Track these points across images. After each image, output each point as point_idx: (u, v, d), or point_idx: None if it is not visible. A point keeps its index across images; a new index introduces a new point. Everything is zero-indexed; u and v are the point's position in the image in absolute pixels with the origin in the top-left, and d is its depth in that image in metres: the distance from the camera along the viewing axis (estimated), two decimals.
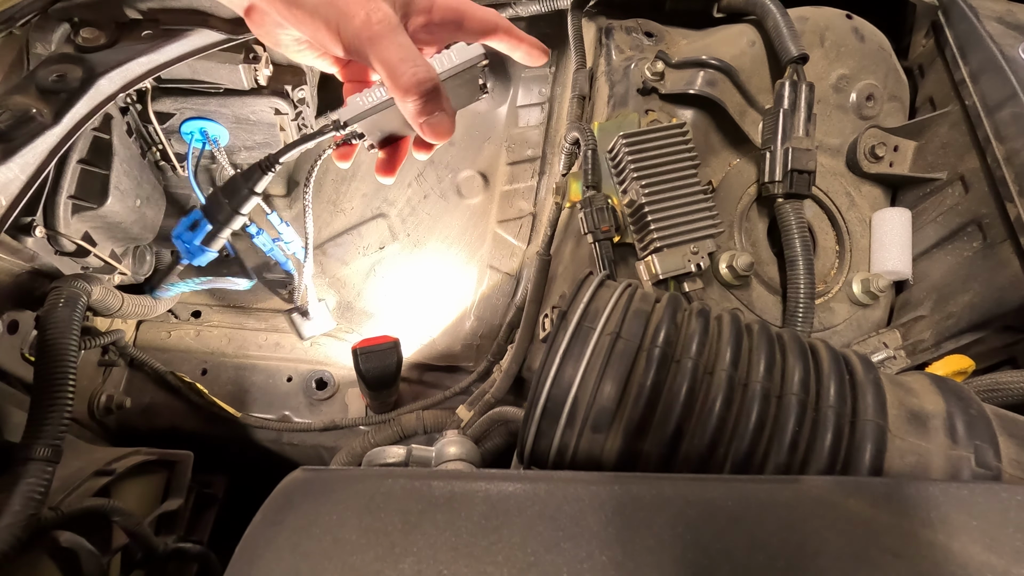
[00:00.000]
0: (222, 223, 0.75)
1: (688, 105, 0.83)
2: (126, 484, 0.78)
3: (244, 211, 0.74)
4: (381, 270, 1.20)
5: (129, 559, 0.78)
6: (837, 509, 0.36)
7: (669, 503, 0.36)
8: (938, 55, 0.87)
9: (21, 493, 0.59)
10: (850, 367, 0.48)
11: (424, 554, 0.34)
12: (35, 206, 0.77)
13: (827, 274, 0.85)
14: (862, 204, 0.88)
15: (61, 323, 0.71)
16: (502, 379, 0.93)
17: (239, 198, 0.73)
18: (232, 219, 0.75)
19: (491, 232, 1.17)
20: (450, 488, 0.38)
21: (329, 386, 1.13)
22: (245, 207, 0.74)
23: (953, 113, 0.82)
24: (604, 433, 0.45)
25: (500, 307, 1.14)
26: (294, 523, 0.37)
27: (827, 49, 0.85)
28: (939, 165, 0.84)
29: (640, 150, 0.74)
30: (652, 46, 0.87)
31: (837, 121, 0.87)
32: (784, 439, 0.44)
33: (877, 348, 0.81)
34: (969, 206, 0.78)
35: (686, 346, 0.47)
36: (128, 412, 1.05)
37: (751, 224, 0.83)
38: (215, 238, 0.77)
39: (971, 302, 0.75)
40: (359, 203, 1.20)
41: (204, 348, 1.15)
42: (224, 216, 0.74)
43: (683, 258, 0.71)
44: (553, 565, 0.34)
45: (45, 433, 0.63)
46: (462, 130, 1.20)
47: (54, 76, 0.70)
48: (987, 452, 0.43)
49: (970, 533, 0.34)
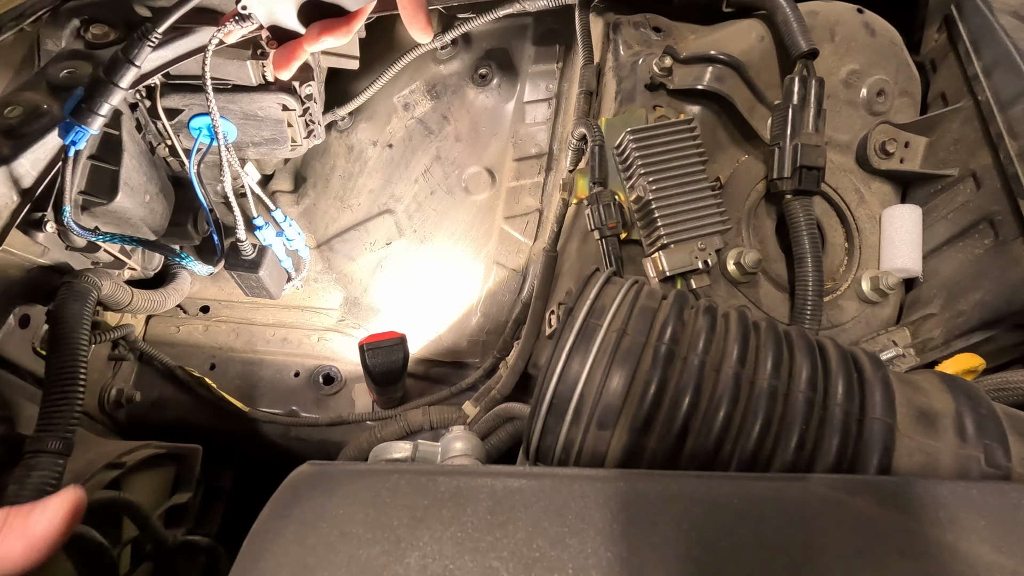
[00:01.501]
0: (98, 96, 0.67)
1: (696, 101, 0.82)
2: (136, 477, 0.79)
3: (123, 84, 0.67)
4: (388, 266, 1.20)
5: (139, 551, 0.79)
6: (844, 508, 0.36)
7: (675, 500, 0.36)
8: (951, 50, 0.86)
9: (33, 485, 0.60)
10: (858, 365, 0.48)
11: (430, 548, 0.35)
12: (46, 201, 0.78)
13: (836, 271, 0.85)
14: (872, 201, 0.87)
15: (72, 318, 0.72)
16: (508, 375, 0.93)
17: (117, 69, 0.66)
18: (109, 91, 0.67)
19: (497, 228, 1.17)
20: (456, 483, 0.38)
21: (336, 381, 1.13)
22: (124, 79, 0.67)
23: (965, 109, 0.81)
24: (610, 430, 0.45)
25: (506, 303, 1.14)
26: (301, 517, 0.37)
27: (837, 44, 0.84)
28: (950, 161, 0.83)
29: (647, 146, 0.74)
30: (660, 41, 0.86)
31: (847, 117, 0.87)
32: (791, 437, 0.44)
33: (886, 346, 0.80)
34: (981, 203, 0.77)
35: (693, 343, 0.47)
36: (138, 406, 1.06)
37: (759, 221, 0.83)
38: (91, 113, 0.67)
39: (982, 300, 0.74)
40: (366, 199, 1.20)
41: (212, 343, 1.16)
42: (101, 88, 0.67)
43: (690, 255, 0.71)
44: (558, 561, 0.34)
45: (56, 426, 0.64)
46: (468, 126, 1.20)
47: (64, 72, 0.71)
48: (997, 451, 0.42)
49: (979, 533, 0.34)
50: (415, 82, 1.19)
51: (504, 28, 1.17)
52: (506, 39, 1.19)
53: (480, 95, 1.18)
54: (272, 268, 1.04)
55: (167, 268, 1.08)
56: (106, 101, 0.68)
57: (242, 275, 1.01)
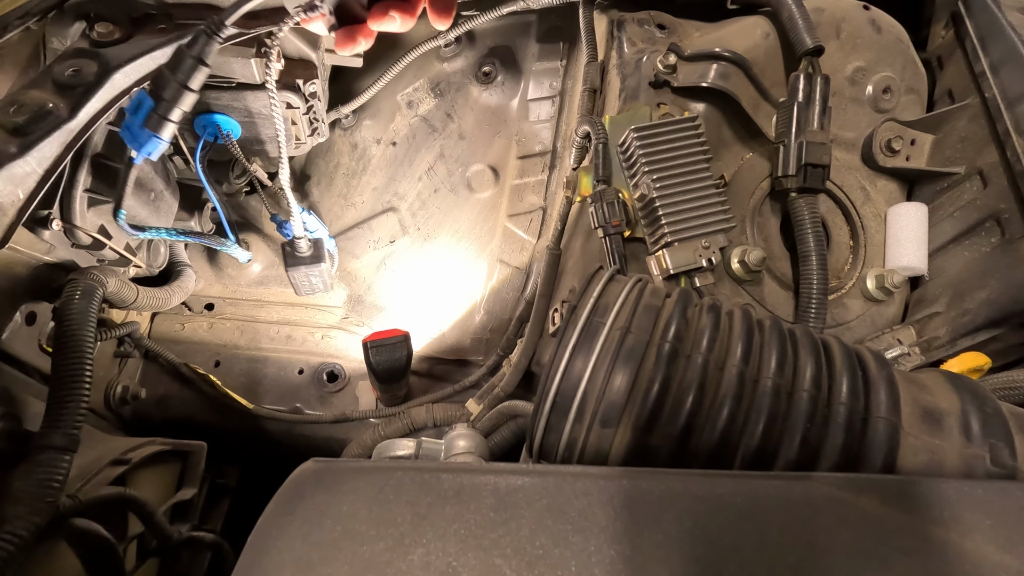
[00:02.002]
0: (169, 101, 0.65)
1: (701, 98, 0.82)
2: (141, 473, 0.80)
3: (193, 85, 0.65)
4: (391, 264, 1.20)
5: (144, 547, 0.80)
6: (848, 506, 0.36)
7: (678, 499, 0.36)
8: (958, 46, 0.85)
9: (39, 481, 0.60)
10: (863, 363, 0.48)
11: (433, 545, 0.35)
12: (52, 199, 0.78)
13: (841, 269, 0.84)
14: (877, 199, 0.87)
15: (78, 315, 0.73)
16: (511, 373, 0.93)
17: (185, 69, 0.63)
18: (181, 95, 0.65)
19: (501, 226, 1.16)
20: (459, 481, 0.38)
21: (340, 379, 1.14)
22: (194, 80, 0.64)
23: (972, 106, 0.81)
24: (613, 428, 0.45)
25: (510, 301, 1.14)
26: (305, 513, 0.37)
27: (843, 41, 0.84)
28: (957, 159, 0.82)
29: (651, 144, 0.74)
30: (664, 39, 0.86)
31: (852, 114, 0.86)
32: (795, 435, 0.43)
33: (891, 345, 0.80)
34: (987, 201, 0.77)
35: (697, 341, 0.46)
36: (143, 403, 1.06)
37: (764, 219, 0.82)
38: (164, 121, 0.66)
39: (988, 299, 0.74)
40: (370, 197, 1.20)
41: (217, 340, 1.16)
42: (171, 92, 0.64)
43: (694, 253, 0.71)
44: (561, 558, 0.34)
45: (63, 423, 0.64)
46: (472, 124, 1.20)
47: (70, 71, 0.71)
48: (1002, 451, 0.42)
49: (984, 532, 0.34)
50: (419, 80, 1.19)
51: (508, 25, 1.17)
52: (510, 36, 1.18)
53: (484, 93, 1.18)
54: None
55: (172, 266, 1.09)
56: (179, 107, 0.66)
57: (307, 271, 1.00)
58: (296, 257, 1.00)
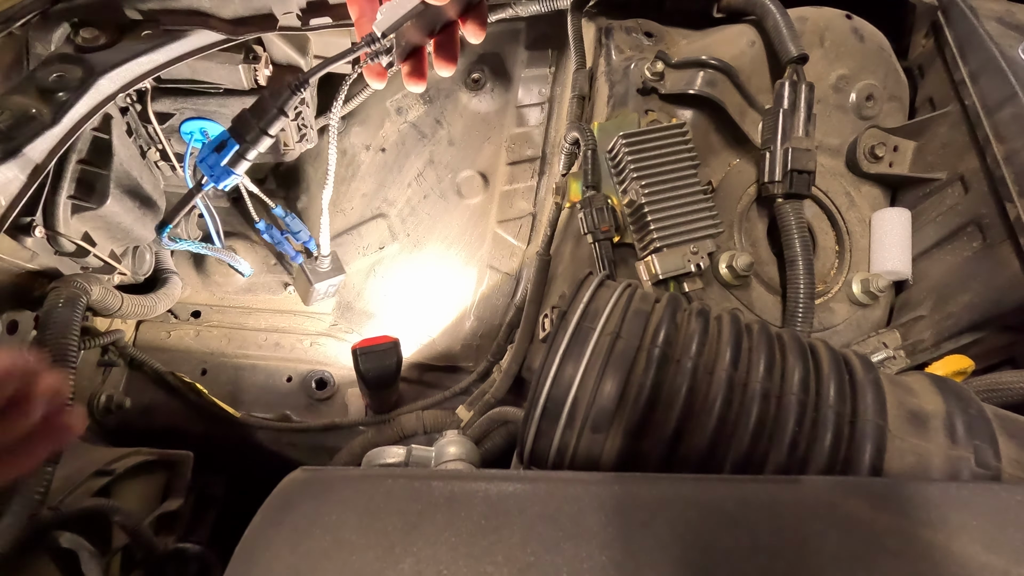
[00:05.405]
0: (249, 143, 0.74)
1: (688, 105, 0.83)
2: (126, 484, 0.78)
3: (272, 131, 0.74)
4: (381, 270, 1.19)
5: (129, 559, 0.78)
6: (837, 509, 0.36)
7: (669, 503, 0.36)
8: (938, 55, 0.87)
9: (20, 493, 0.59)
10: (850, 367, 0.48)
11: (424, 554, 0.34)
12: (35, 206, 0.77)
13: (827, 274, 0.85)
14: (862, 204, 0.88)
15: (61, 323, 0.71)
16: (502, 379, 0.93)
17: (268, 118, 0.72)
18: (260, 139, 0.74)
19: (491, 232, 1.17)
20: (450, 488, 0.38)
21: (329, 386, 1.13)
22: (273, 127, 0.73)
23: (953, 113, 0.82)
24: (604, 433, 0.45)
25: (500, 307, 1.14)
26: (294, 523, 0.37)
27: (827, 49, 0.85)
28: (939, 165, 0.84)
29: (640, 150, 0.74)
30: (652, 46, 0.87)
31: (837, 121, 0.87)
32: (784, 439, 0.44)
33: (877, 348, 0.81)
34: (969, 206, 0.78)
35: (686, 346, 0.47)
36: (128, 412, 1.05)
37: (751, 224, 0.83)
38: (241, 159, 0.75)
39: (971, 302, 0.75)
40: (359, 203, 1.20)
41: (204, 348, 1.15)
42: (252, 136, 0.73)
43: (683, 258, 0.71)
44: (553, 565, 0.34)
45: None
46: (461, 130, 1.20)
47: (54, 76, 0.70)
48: (987, 452, 0.43)
49: (970, 533, 0.34)
50: None
51: (497, 33, 1.17)
52: (499, 44, 1.19)
53: (473, 99, 1.19)
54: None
55: (158, 273, 1.07)
56: (256, 148, 0.75)
57: (328, 284, 1.08)
58: (320, 273, 1.07)
